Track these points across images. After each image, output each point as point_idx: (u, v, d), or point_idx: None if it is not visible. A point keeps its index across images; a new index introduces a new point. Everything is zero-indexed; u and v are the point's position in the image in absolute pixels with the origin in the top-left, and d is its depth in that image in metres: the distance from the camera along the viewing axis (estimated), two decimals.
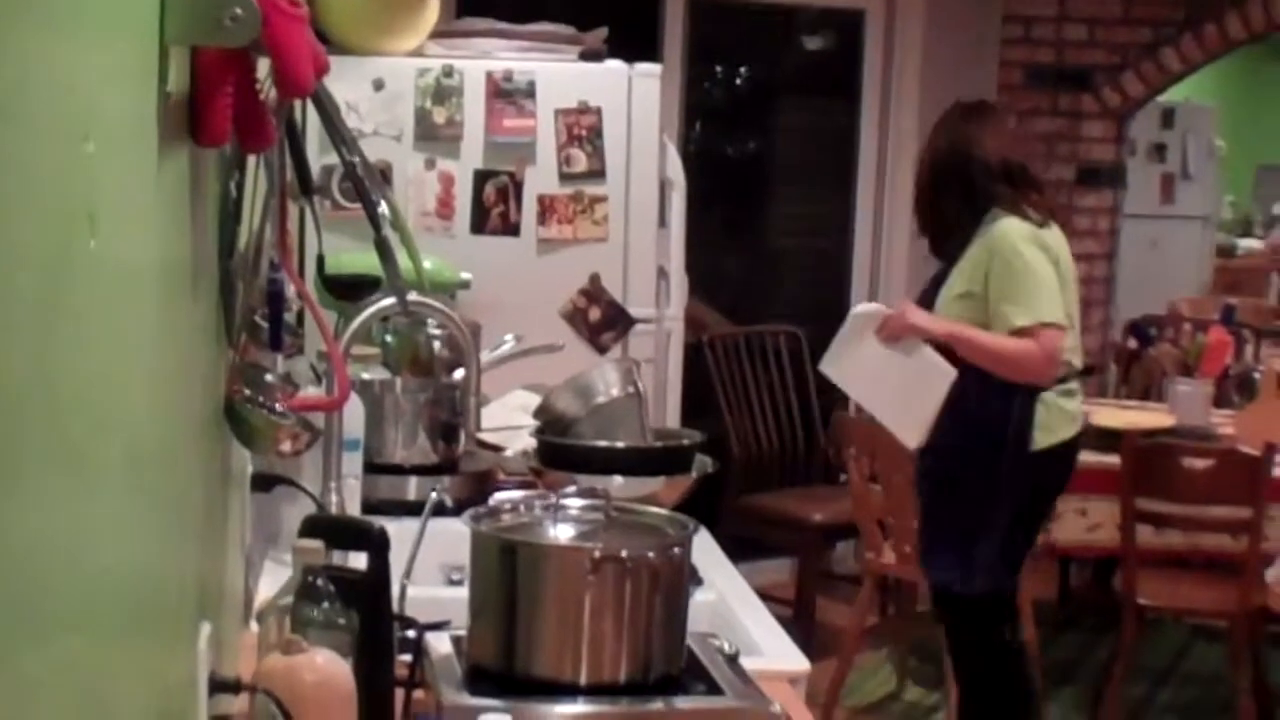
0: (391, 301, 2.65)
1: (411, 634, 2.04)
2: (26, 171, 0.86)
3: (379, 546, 1.93)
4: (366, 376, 3.14)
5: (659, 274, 4.47)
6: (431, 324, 3.39)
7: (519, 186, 4.27)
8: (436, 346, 3.45)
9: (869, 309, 4.17)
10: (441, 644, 2.07)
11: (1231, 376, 5.59)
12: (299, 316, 2.93)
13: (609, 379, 2.88)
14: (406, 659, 2.01)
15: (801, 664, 2.36)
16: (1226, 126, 10.21)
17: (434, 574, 2.70)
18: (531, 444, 2.92)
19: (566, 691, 1.95)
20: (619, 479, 2.67)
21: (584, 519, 2.10)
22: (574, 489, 2.17)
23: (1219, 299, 7.75)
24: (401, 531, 2.17)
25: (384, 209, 2.51)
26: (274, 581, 2.31)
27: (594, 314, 4.34)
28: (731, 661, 2.07)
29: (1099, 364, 6.61)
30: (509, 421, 3.31)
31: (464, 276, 3.95)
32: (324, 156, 3.66)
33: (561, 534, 2.07)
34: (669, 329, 4.58)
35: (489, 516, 2.11)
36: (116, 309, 1.14)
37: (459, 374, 3.19)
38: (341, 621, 1.85)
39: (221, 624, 1.87)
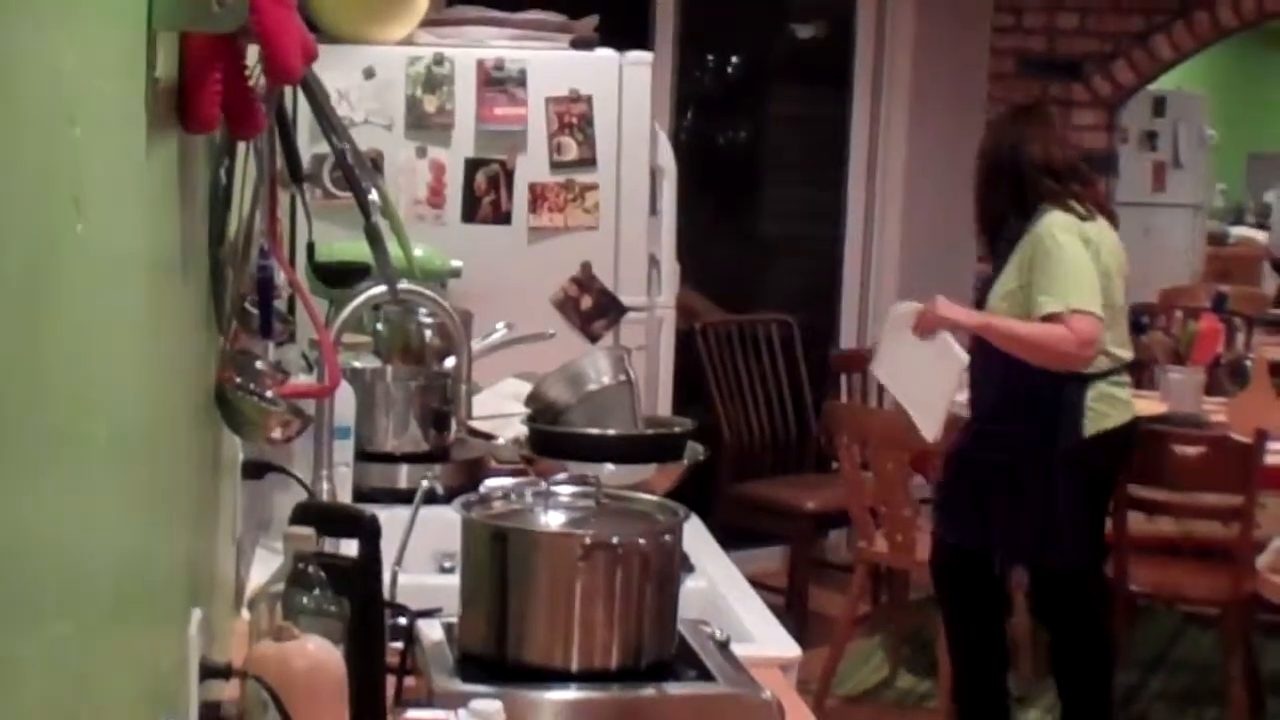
0: (382, 289, 2.64)
1: (403, 621, 2.04)
2: (11, 154, 0.86)
3: (370, 534, 1.93)
4: (357, 364, 3.14)
5: (650, 262, 4.46)
6: (422, 312, 3.39)
7: (510, 175, 4.27)
8: (427, 335, 3.45)
9: (905, 307, 4.23)
10: (433, 631, 2.07)
11: (1223, 364, 5.59)
12: (289, 304, 2.92)
13: (600, 367, 2.88)
14: (398, 646, 2.01)
15: (793, 651, 2.36)
16: (1218, 114, 10.21)
17: (425, 561, 2.70)
18: (523, 432, 2.92)
19: (558, 678, 1.95)
20: (610, 467, 2.67)
21: (575, 506, 2.10)
22: (565, 476, 2.17)
23: (1210, 286, 7.74)
24: (393, 519, 2.17)
25: (374, 197, 2.50)
26: (265, 569, 2.31)
27: (585, 302, 4.34)
28: (723, 648, 2.07)
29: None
30: (500, 409, 3.31)
31: (455, 265, 3.94)
32: (315, 145, 3.65)
33: (552, 521, 2.07)
34: (660, 317, 4.58)
35: (480, 504, 2.11)
36: (103, 293, 1.14)
37: (450, 362, 3.19)
38: (333, 609, 1.84)
39: (213, 610, 1.87)
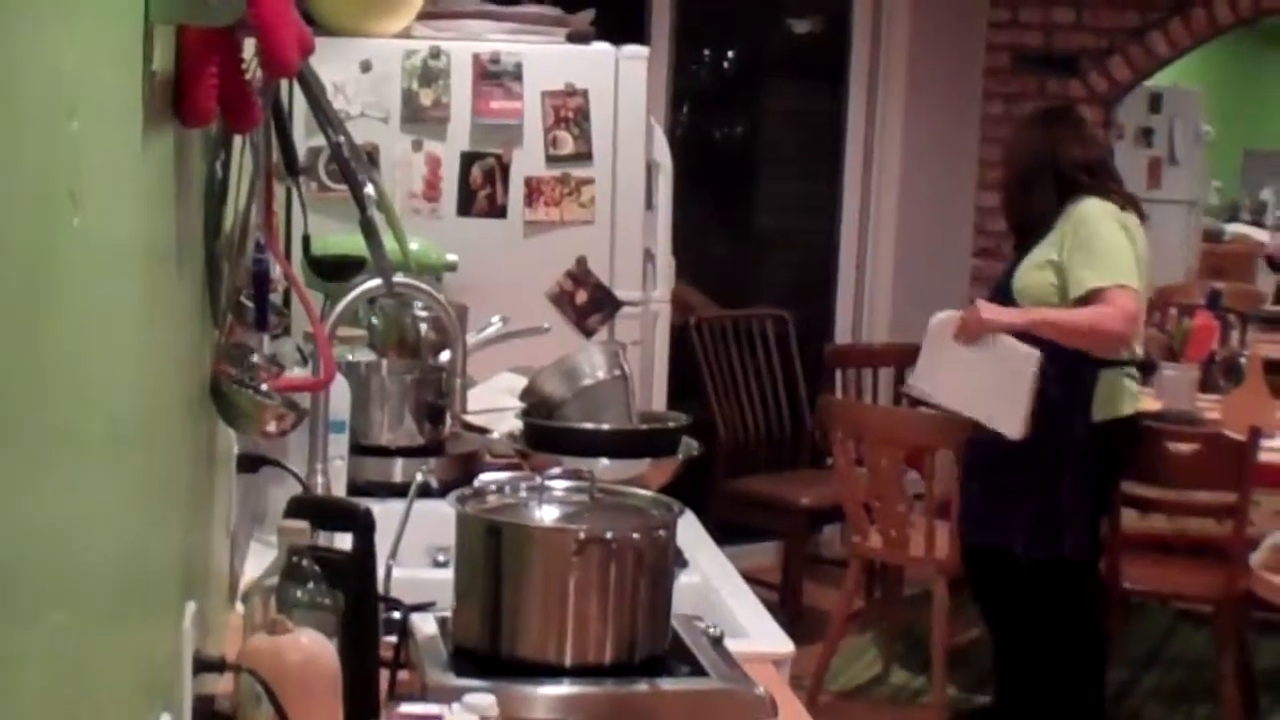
0: (378, 283, 2.64)
1: (397, 615, 2.04)
2: (11, 149, 0.86)
3: (364, 527, 1.93)
4: (352, 358, 3.13)
5: (645, 257, 4.46)
6: (418, 306, 3.39)
7: (505, 169, 4.26)
8: (423, 328, 3.45)
9: (944, 316, 4.30)
10: (427, 625, 2.07)
11: (1217, 361, 5.60)
12: (285, 297, 2.93)
13: (595, 361, 2.88)
14: (392, 640, 2.01)
15: (786, 646, 2.36)
16: (1214, 111, 10.21)
17: (419, 555, 2.70)
18: (517, 426, 2.92)
19: (551, 672, 1.95)
20: (605, 461, 2.67)
21: (569, 501, 2.10)
22: (559, 471, 2.17)
23: (1205, 283, 7.74)
24: (387, 513, 2.17)
25: (370, 190, 2.50)
26: (259, 562, 2.31)
27: (580, 296, 4.34)
28: (716, 643, 2.07)
29: None
30: (495, 404, 3.31)
31: (450, 258, 3.94)
32: (311, 138, 3.65)
33: (546, 515, 2.07)
34: (655, 311, 4.58)
35: (474, 498, 2.11)
36: (100, 287, 1.14)
37: (445, 356, 3.19)
38: (326, 602, 1.85)
39: (207, 603, 1.87)
